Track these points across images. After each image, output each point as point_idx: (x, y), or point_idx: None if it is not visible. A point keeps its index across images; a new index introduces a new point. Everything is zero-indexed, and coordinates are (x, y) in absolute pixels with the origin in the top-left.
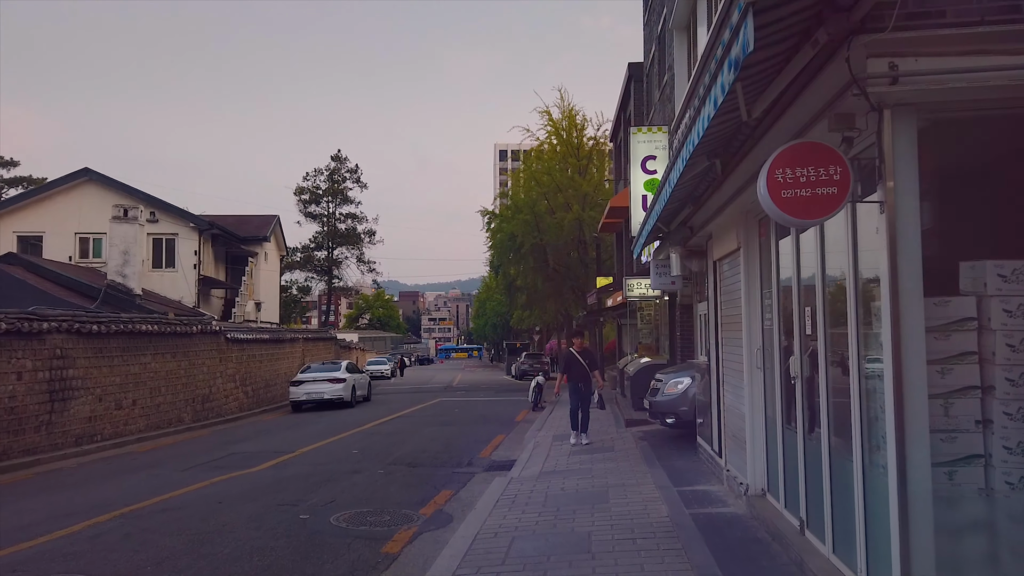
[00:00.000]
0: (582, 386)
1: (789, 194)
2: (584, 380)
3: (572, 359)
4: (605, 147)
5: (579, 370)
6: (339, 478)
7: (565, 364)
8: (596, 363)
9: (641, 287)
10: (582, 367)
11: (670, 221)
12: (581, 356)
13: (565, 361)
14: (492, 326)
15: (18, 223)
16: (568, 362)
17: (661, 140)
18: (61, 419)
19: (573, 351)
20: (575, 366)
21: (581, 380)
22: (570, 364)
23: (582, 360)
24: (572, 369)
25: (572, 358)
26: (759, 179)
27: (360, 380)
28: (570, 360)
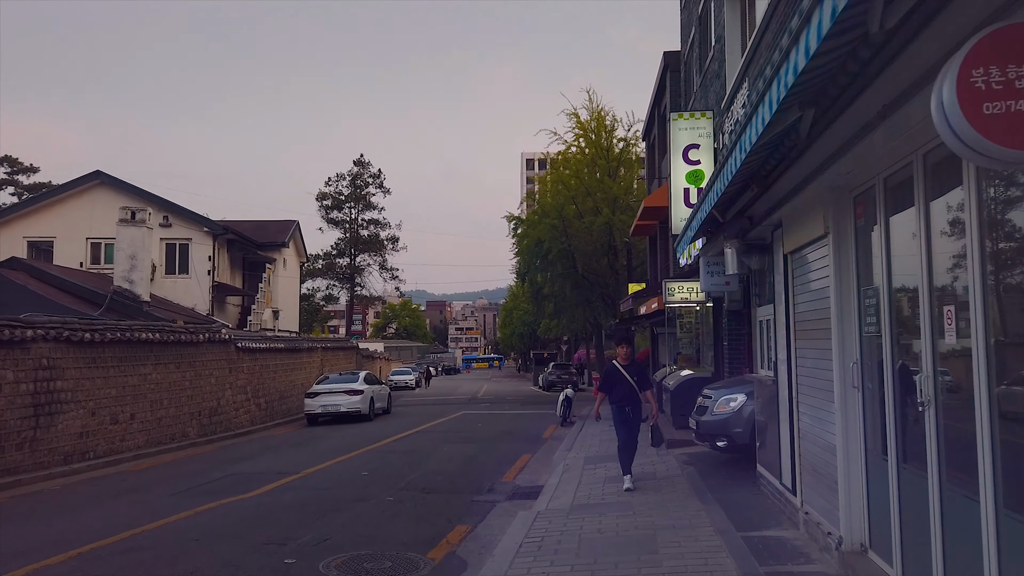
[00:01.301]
0: (629, 410)
1: (997, 108)
2: (632, 403)
3: (615, 375)
4: (636, 147)
5: (625, 389)
6: (341, 507)
7: (606, 381)
8: (648, 380)
9: (683, 291)
10: (628, 386)
11: (726, 209)
12: (627, 371)
13: (606, 377)
14: (519, 336)
15: (29, 228)
16: (610, 378)
17: (705, 127)
18: (47, 435)
19: (617, 364)
20: (619, 384)
21: (627, 403)
22: (613, 381)
23: (628, 376)
24: (616, 388)
25: (615, 373)
26: (939, 91)
27: (379, 392)
28: (612, 376)
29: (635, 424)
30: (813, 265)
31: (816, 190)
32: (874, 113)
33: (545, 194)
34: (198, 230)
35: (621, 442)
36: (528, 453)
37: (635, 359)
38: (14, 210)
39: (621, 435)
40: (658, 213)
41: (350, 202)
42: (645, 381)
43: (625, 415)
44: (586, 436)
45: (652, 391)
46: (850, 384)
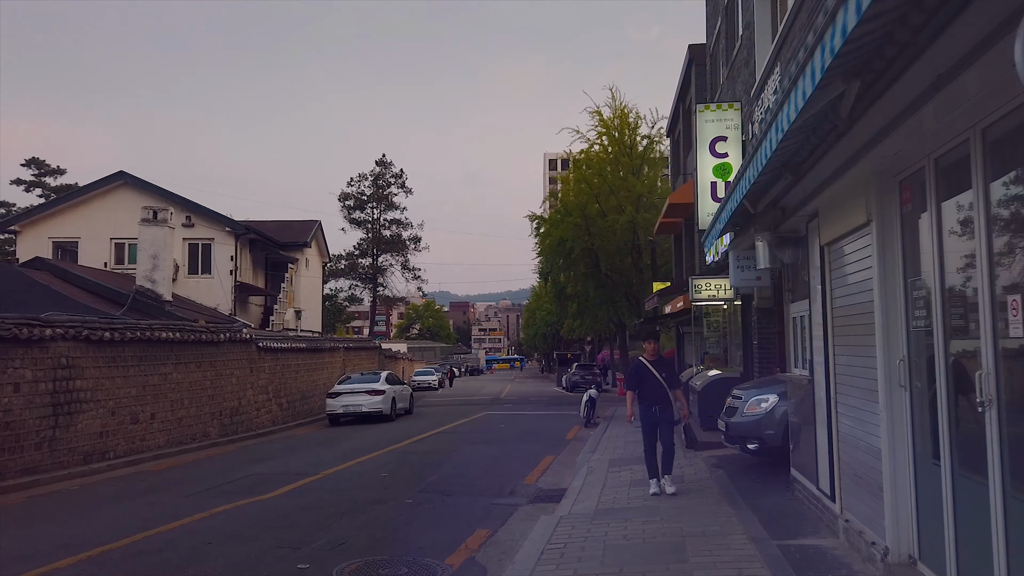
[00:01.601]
0: (657, 410)
1: None
2: (661, 402)
3: (642, 372)
4: (660, 144)
5: (653, 387)
6: (359, 509)
7: (634, 377)
8: (677, 378)
9: (710, 288)
10: (657, 384)
11: (757, 200)
12: (655, 368)
13: (633, 375)
14: (542, 336)
15: (54, 228)
16: (638, 376)
17: (732, 118)
18: (66, 435)
19: (644, 360)
20: (648, 381)
21: (656, 402)
22: (641, 378)
23: (656, 373)
24: (644, 384)
25: (642, 370)
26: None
27: (401, 392)
28: (640, 373)
29: (664, 423)
30: (854, 256)
31: (858, 175)
32: (927, 85)
33: (568, 193)
34: (220, 230)
35: (647, 445)
36: (551, 454)
37: (663, 355)
38: (40, 211)
39: (647, 437)
40: (683, 210)
41: (372, 202)
42: (674, 378)
43: (652, 415)
44: (610, 437)
45: (682, 389)
46: (896, 383)
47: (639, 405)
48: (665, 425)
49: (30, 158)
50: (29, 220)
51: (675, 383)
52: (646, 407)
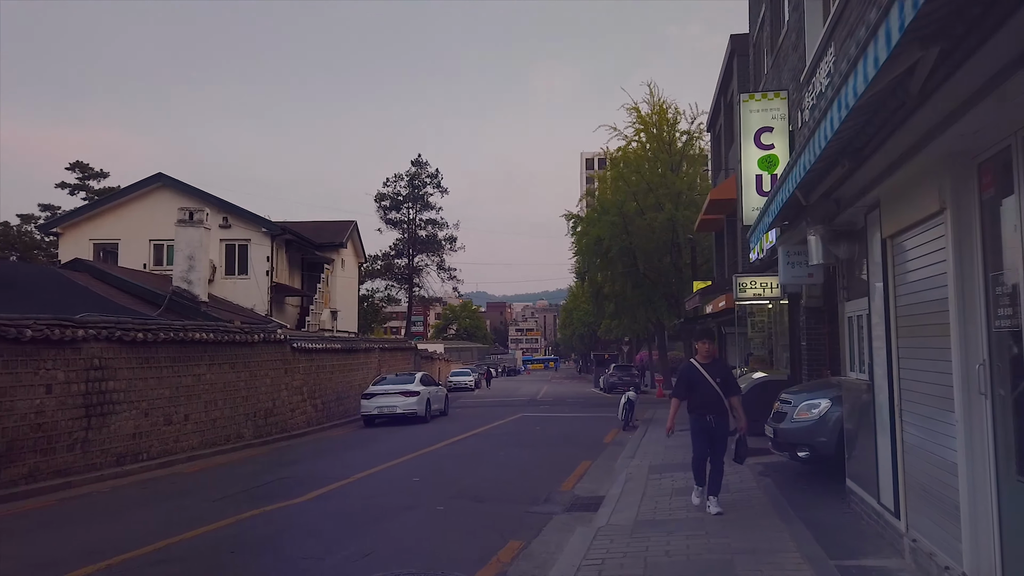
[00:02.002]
0: (711, 419)
1: None
2: (715, 411)
3: (694, 375)
4: (700, 140)
5: (707, 393)
6: (389, 516)
7: (684, 383)
8: (735, 383)
9: (756, 286)
10: (711, 390)
11: (811, 191)
12: (709, 372)
13: (683, 378)
14: (579, 337)
15: (94, 230)
16: (688, 380)
17: (779, 108)
18: (99, 436)
19: (696, 363)
20: (699, 387)
21: (710, 410)
22: (692, 383)
23: (710, 377)
24: (696, 391)
25: (694, 374)
26: None
27: (436, 393)
28: (691, 377)
29: (719, 437)
30: (923, 249)
31: (928, 159)
32: (1016, 52)
33: (605, 191)
34: (257, 231)
35: (697, 452)
36: (588, 459)
37: (718, 357)
38: (81, 213)
39: (697, 445)
40: (725, 206)
41: (408, 202)
42: (731, 384)
43: (705, 424)
44: (650, 442)
45: (739, 397)
46: (976, 390)
47: (691, 415)
48: (720, 440)
49: (74, 162)
50: (71, 222)
51: (732, 389)
52: (698, 416)
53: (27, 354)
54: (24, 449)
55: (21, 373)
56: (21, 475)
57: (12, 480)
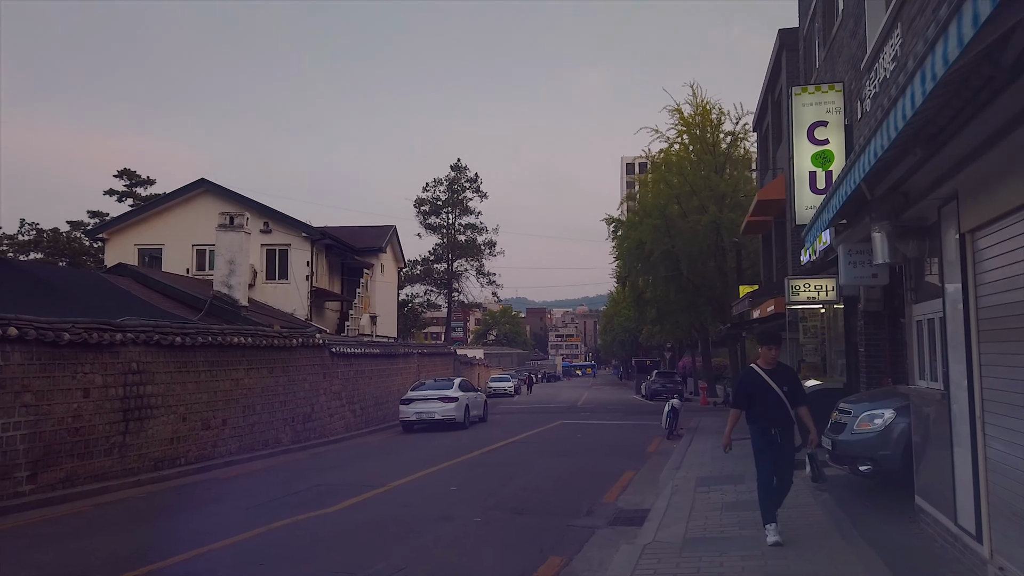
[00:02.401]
0: (776, 432)
1: None
2: (781, 423)
3: (756, 383)
4: (745, 141)
5: (771, 404)
6: (423, 528)
7: (744, 391)
8: (802, 391)
9: (810, 289)
10: (776, 399)
11: (876, 183)
12: (774, 379)
13: (744, 386)
14: (620, 342)
15: (139, 236)
16: (749, 388)
17: (833, 101)
18: (137, 441)
19: (757, 368)
20: (762, 396)
21: (776, 423)
22: (753, 391)
23: (775, 386)
24: (757, 401)
25: (756, 381)
26: None
27: (475, 399)
28: (752, 384)
29: (786, 453)
30: (1010, 244)
31: (1020, 142)
32: None
33: (646, 194)
34: (297, 236)
35: (762, 477)
36: (631, 470)
37: (783, 364)
38: (126, 219)
39: (763, 467)
40: (773, 207)
41: (447, 207)
42: (799, 393)
43: (770, 439)
44: (696, 452)
45: (808, 408)
46: None
47: (752, 427)
48: (786, 456)
49: (122, 169)
50: (116, 228)
51: (800, 399)
52: (762, 430)
53: (65, 358)
54: (61, 453)
55: (59, 377)
56: (58, 479)
57: (49, 484)
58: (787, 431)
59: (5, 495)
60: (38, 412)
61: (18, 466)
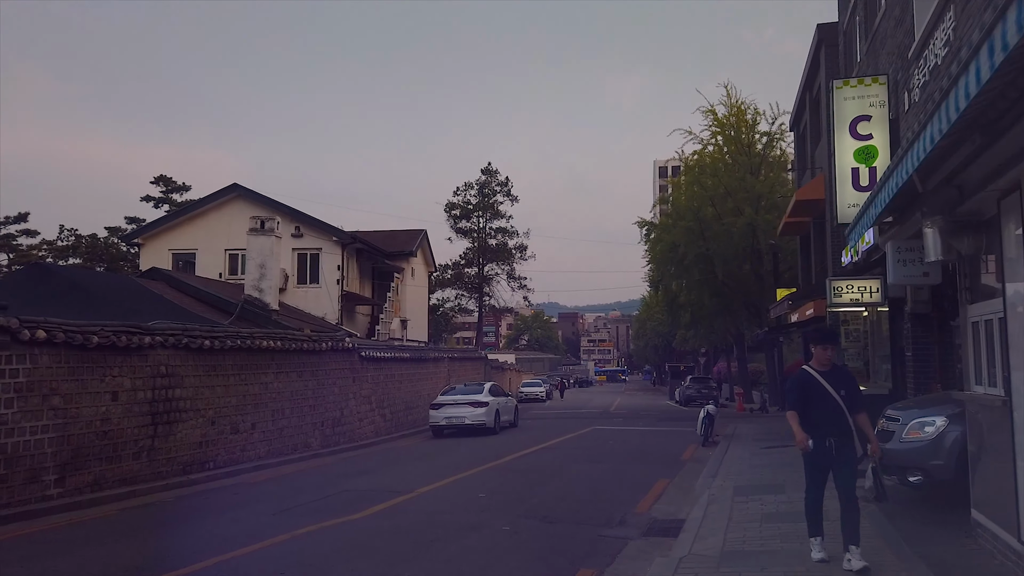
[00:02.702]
0: (832, 444)
1: None
2: (838, 432)
3: (812, 387)
4: (782, 142)
5: (827, 410)
6: (450, 537)
7: (797, 395)
8: (861, 397)
9: (853, 291)
10: (834, 405)
11: (928, 175)
12: (830, 382)
13: (796, 390)
14: (653, 348)
15: (173, 240)
16: (803, 391)
17: (877, 94)
18: (166, 444)
19: (812, 371)
20: (818, 401)
21: (831, 431)
22: (809, 396)
23: (832, 390)
24: (812, 407)
25: (811, 385)
26: None
27: (505, 404)
28: (806, 387)
29: (845, 467)
30: None
31: None
32: None
33: (679, 196)
34: (328, 240)
35: (812, 492)
36: (665, 478)
37: (839, 365)
38: (160, 224)
39: (814, 481)
40: (812, 207)
41: (478, 211)
42: (857, 399)
43: (825, 451)
44: (732, 459)
45: (867, 414)
46: None
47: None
48: (845, 468)
49: (158, 176)
50: (151, 233)
51: (859, 405)
52: (816, 440)
53: (93, 361)
54: (89, 457)
55: (87, 380)
56: (86, 483)
57: (77, 488)
58: (845, 441)
59: (33, 498)
60: (66, 415)
61: (46, 469)
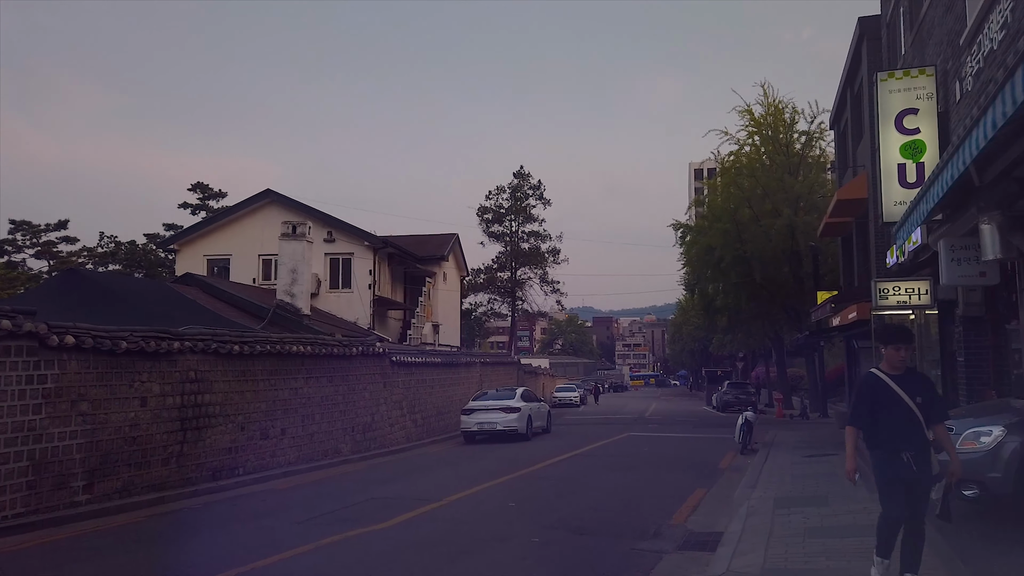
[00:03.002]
0: (910, 460)
1: None
2: (915, 446)
3: (881, 391)
4: (821, 141)
5: (901, 420)
6: (477, 548)
7: (865, 404)
8: (941, 405)
9: (900, 292)
10: (908, 414)
11: (985, 167)
12: (905, 388)
13: (865, 397)
14: (689, 352)
15: (208, 246)
16: (872, 399)
17: (924, 86)
18: (194, 450)
19: (882, 374)
20: (891, 409)
21: (908, 445)
22: (877, 403)
23: (906, 397)
24: (883, 417)
25: (882, 391)
26: None
27: (538, 409)
28: (875, 393)
29: (920, 486)
30: None
31: None
32: None
33: (715, 198)
34: (360, 244)
35: (891, 513)
36: (702, 487)
37: (915, 369)
38: (195, 230)
39: (892, 503)
40: (854, 207)
41: (510, 215)
42: (936, 407)
43: (903, 468)
44: (773, 469)
45: (945, 425)
46: None
47: (875, 452)
48: (921, 489)
49: (195, 183)
50: (186, 239)
51: (937, 414)
52: (889, 454)
53: (122, 366)
54: (118, 463)
55: (116, 386)
56: (114, 489)
57: (106, 494)
58: (923, 457)
59: (61, 504)
60: (95, 421)
61: (74, 475)
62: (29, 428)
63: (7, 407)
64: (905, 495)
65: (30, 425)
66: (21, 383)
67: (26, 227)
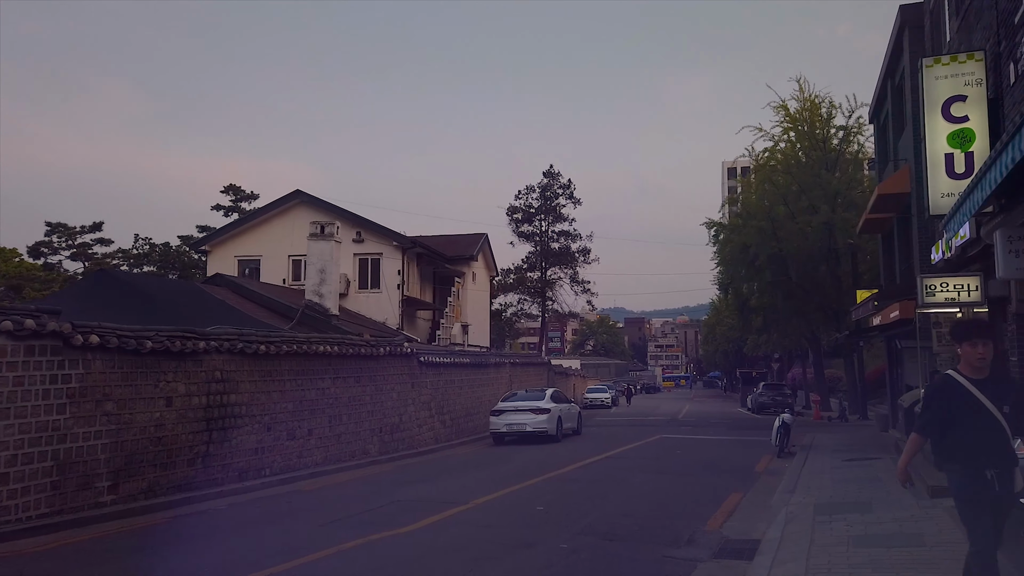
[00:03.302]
0: (994, 476)
1: None
2: (999, 461)
3: (958, 397)
4: (860, 136)
5: (984, 430)
6: (504, 554)
7: (938, 411)
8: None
9: (948, 289)
10: (992, 423)
11: None
12: (985, 392)
13: (937, 403)
14: (723, 353)
15: (239, 247)
16: (946, 404)
17: (973, 71)
18: (220, 450)
19: (960, 377)
20: (970, 418)
21: (990, 460)
22: (955, 411)
23: (988, 403)
24: (960, 426)
25: (958, 395)
26: None
27: (568, 411)
28: (951, 398)
29: (1003, 506)
30: None
31: None
32: None
33: (750, 195)
34: (388, 244)
35: (979, 543)
36: (738, 491)
37: (1001, 371)
38: (226, 231)
39: (978, 528)
40: (895, 202)
41: (540, 214)
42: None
43: (985, 484)
44: (812, 472)
45: None
46: None
47: (951, 467)
48: (1003, 511)
49: (228, 185)
50: (217, 240)
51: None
52: (972, 472)
53: (147, 366)
54: (143, 463)
55: (141, 386)
56: (139, 490)
57: (131, 495)
58: (1008, 474)
59: (85, 505)
60: (119, 421)
61: (99, 476)
62: (53, 428)
63: (31, 407)
64: (989, 517)
65: (54, 425)
66: (45, 383)
67: (62, 229)
